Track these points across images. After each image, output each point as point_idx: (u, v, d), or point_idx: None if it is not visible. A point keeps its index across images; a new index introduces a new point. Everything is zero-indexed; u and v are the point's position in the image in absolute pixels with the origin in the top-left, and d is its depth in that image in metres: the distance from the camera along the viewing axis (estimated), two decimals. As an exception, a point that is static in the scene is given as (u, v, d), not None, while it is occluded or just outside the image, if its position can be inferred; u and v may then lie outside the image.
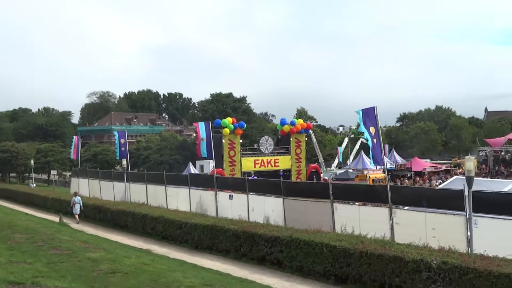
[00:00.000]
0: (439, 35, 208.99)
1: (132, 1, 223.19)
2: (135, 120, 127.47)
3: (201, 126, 37.26)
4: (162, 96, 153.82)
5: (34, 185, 51.08)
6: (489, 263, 10.32)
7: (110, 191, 34.37)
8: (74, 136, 58.43)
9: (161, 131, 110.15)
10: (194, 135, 48.03)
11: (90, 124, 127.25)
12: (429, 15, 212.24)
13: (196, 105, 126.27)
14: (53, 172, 73.45)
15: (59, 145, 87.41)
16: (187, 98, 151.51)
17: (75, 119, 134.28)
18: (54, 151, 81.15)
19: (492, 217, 13.28)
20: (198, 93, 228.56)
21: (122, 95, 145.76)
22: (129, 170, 37.67)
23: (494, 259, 10.62)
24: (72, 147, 51.38)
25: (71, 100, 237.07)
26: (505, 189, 16.47)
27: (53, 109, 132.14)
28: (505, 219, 13.00)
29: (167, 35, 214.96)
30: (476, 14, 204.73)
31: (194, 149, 47.06)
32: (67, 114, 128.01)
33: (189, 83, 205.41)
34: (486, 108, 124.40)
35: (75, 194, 29.99)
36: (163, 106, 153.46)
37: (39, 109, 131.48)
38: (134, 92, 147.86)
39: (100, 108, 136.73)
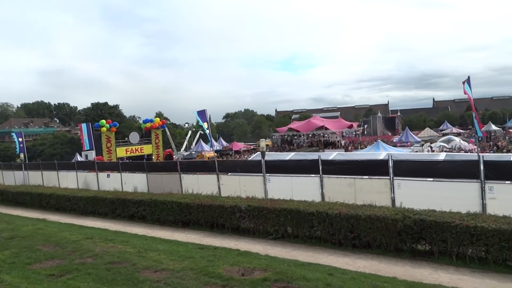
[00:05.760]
0: (243, 64, 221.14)
1: (23, 36, 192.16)
2: (31, 124, 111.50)
3: (83, 127, 34.43)
4: (53, 105, 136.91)
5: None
6: (275, 203, 11.14)
7: (12, 178, 29.82)
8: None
9: (54, 132, 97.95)
10: (79, 133, 44.09)
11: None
12: (237, 53, 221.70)
13: (80, 112, 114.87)
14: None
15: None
16: (74, 106, 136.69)
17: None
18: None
19: (277, 175, 14.26)
20: (82, 102, 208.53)
21: (19, 105, 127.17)
22: (27, 162, 32.92)
23: (277, 200, 11.49)
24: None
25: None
26: (286, 158, 17.78)
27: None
28: (283, 176, 14.07)
29: (52, 59, 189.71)
30: (265, 51, 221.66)
31: (80, 143, 43.23)
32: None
33: (75, 94, 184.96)
34: (276, 109, 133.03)
35: None
36: (54, 112, 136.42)
37: None
38: (30, 103, 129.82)
39: (0, 116, 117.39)
